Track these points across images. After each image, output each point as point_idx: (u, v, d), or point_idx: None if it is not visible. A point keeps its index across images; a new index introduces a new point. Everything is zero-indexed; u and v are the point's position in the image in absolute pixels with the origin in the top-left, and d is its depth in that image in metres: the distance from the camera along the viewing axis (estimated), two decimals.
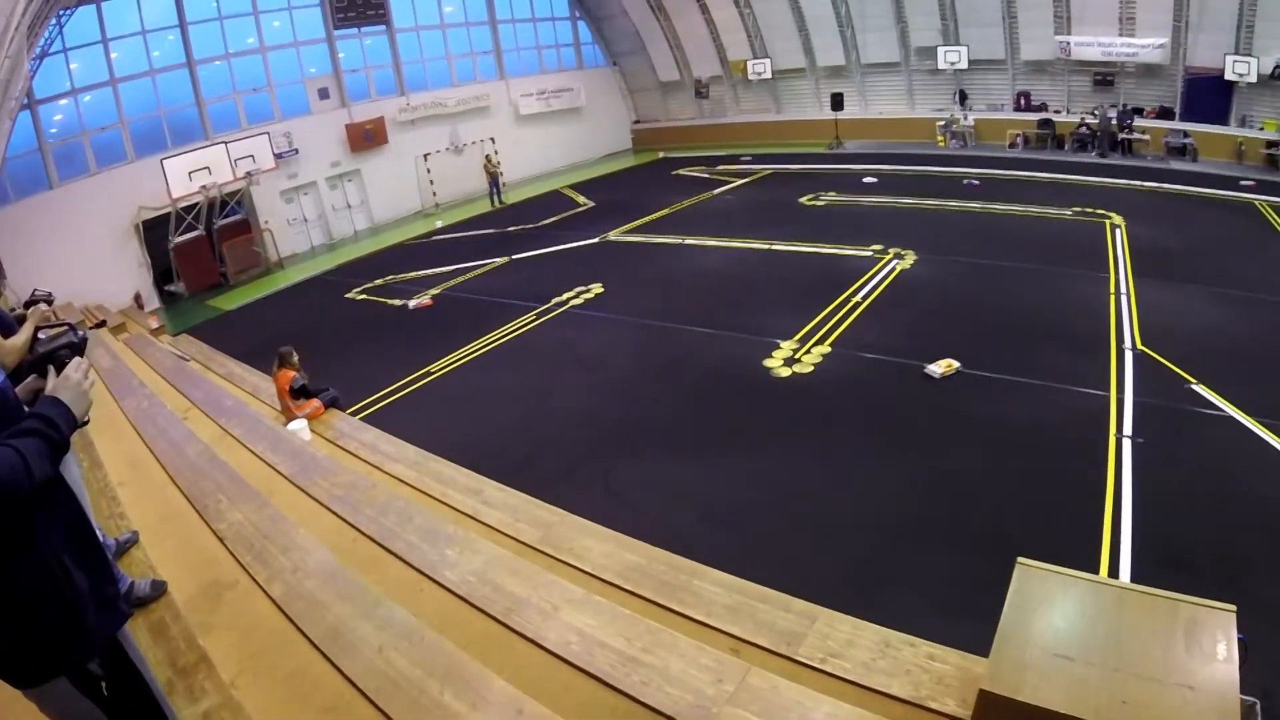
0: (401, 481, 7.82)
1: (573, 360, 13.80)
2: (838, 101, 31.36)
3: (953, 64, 30.00)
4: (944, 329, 13.79)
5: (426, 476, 7.93)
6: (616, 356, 13.81)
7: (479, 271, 19.53)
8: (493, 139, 29.55)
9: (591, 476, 9.89)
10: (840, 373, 12.37)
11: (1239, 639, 4.00)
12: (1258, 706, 3.98)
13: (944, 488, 9.36)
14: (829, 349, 13.10)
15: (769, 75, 33.25)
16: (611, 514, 7.55)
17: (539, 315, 15.92)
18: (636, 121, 37.28)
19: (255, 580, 5.11)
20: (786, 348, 13.19)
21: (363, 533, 5.94)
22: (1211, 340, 12.71)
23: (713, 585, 5.54)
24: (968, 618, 4.86)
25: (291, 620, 4.68)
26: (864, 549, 8.35)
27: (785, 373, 12.37)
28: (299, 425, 9.45)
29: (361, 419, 11.02)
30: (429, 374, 13.47)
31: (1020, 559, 4.39)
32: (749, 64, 33.32)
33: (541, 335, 15.03)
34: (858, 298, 15.32)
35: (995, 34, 29.20)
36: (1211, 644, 3.93)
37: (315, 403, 10.18)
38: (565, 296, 16.86)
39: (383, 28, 27.23)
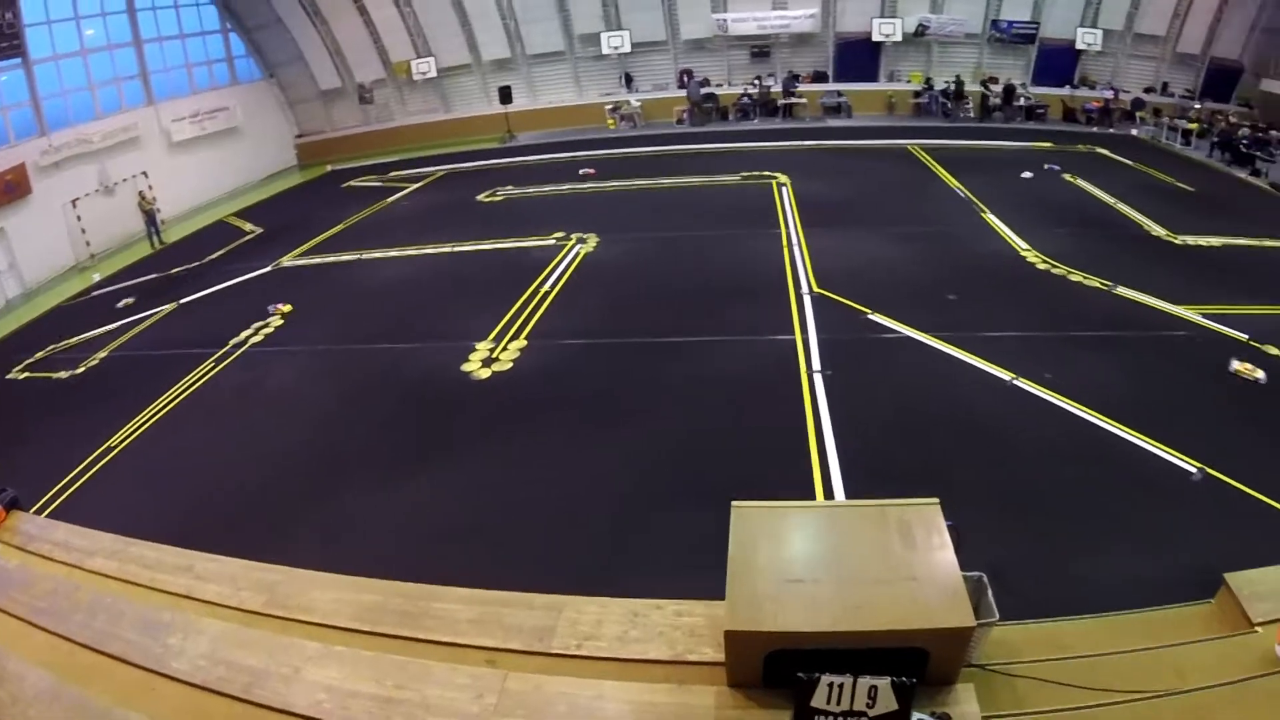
0: (105, 576, 7.32)
1: (264, 403, 13.26)
2: (506, 94, 32.15)
3: (616, 48, 31.92)
4: (633, 303, 15.03)
5: (130, 564, 7.46)
6: (310, 390, 13.51)
7: (148, 323, 17.89)
8: (145, 173, 27.05)
9: (306, 523, 9.75)
10: (540, 364, 13.10)
11: (949, 525, 4.52)
12: (984, 579, 4.38)
13: (660, 453, 10.26)
14: (525, 342, 13.80)
15: (434, 74, 33.20)
16: (336, 557, 7.56)
17: (218, 361, 14.95)
18: (300, 135, 35.46)
19: None
20: (483, 349, 13.73)
21: (76, 642, 5.68)
22: (879, 274, 14.86)
23: (453, 603, 5.65)
24: (706, 568, 5.16)
25: None
26: (594, 529, 8.95)
27: (485, 374, 12.92)
28: None
29: (48, 516, 10.17)
30: (111, 448, 12.40)
31: (734, 502, 4.80)
32: (413, 64, 33.04)
33: (225, 381, 14.17)
34: (546, 287, 16.18)
35: (656, 17, 31.62)
36: (925, 536, 4.41)
37: None
38: (244, 335, 15.91)
39: (18, 61, 23.71)
